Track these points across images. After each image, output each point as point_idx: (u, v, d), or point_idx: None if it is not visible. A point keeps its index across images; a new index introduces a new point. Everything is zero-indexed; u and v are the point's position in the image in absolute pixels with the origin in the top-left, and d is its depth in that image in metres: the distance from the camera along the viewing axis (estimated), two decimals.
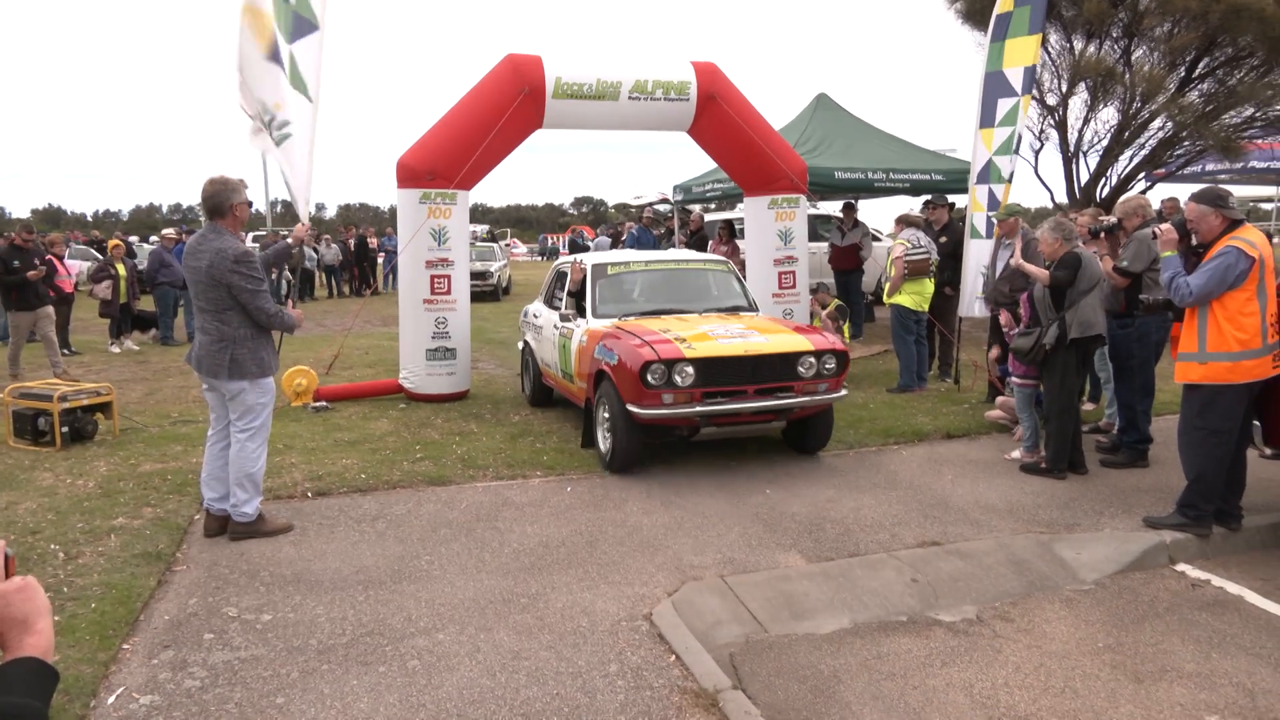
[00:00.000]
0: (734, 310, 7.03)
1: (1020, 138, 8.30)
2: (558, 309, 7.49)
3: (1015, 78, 8.23)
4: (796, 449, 6.56)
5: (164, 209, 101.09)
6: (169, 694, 3.35)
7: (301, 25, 6.19)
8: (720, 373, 5.75)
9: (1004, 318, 6.95)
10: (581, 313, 6.92)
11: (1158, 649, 3.84)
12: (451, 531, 5.04)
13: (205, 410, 8.14)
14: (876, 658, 3.77)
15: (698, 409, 5.73)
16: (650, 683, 3.44)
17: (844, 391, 6.21)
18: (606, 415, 6.09)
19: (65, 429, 6.73)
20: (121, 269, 12.38)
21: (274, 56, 5.92)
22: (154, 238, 20.36)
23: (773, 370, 5.86)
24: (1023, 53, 8.20)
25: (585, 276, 7.07)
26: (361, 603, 4.13)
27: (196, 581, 4.35)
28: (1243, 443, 4.97)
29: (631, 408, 5.69)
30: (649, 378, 5.57)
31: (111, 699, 3.31)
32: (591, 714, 3.23)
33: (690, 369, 5.66)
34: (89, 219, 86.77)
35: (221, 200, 4.72)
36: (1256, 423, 5.03)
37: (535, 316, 8.25)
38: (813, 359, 5.93)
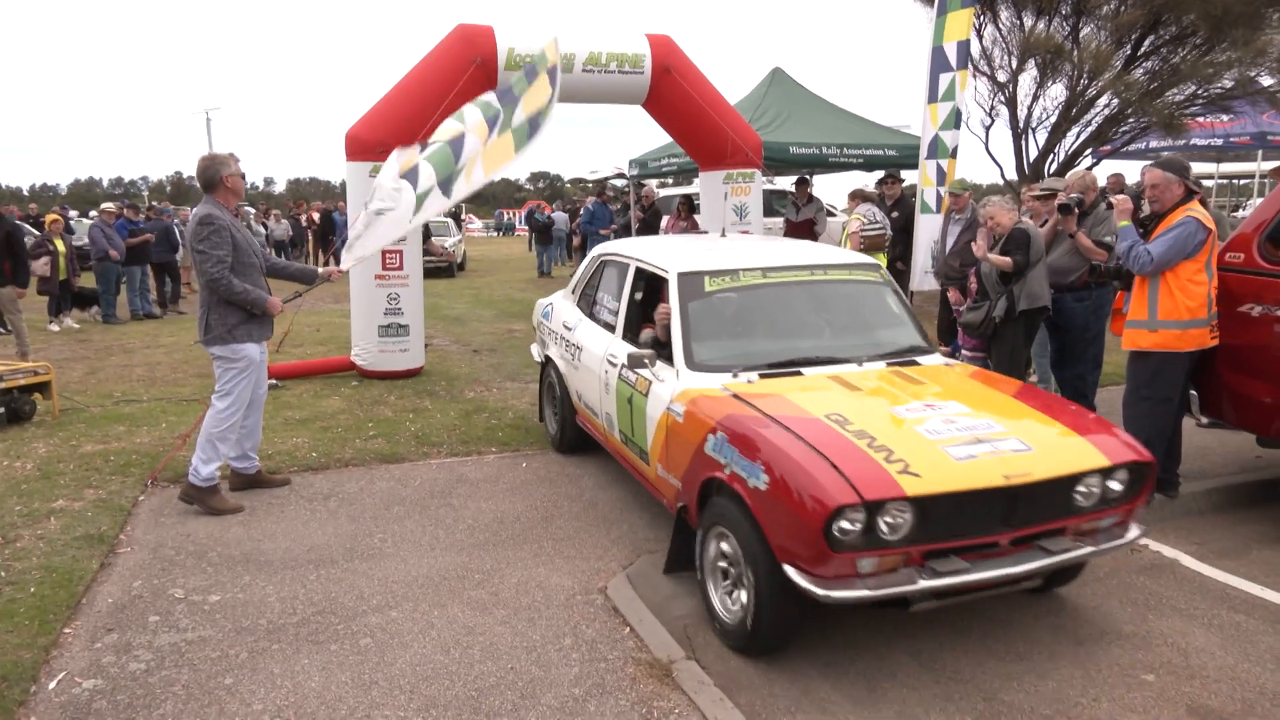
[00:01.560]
0: (908, 356, 4.40)
1: (961, 113, 8.39)
2: (605, 322, 5.22)
3: (952, 52, 8.32)
4: (1030, 590, 3.91)
5: (104, 183, 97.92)
6: (113, 677, 3.28)
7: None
8: (957, 515, 3.24)
9: (953, 296, 7.05)
10: (664, 354, 4.35)
11: (1097, 611, 3.96)
12: (405, 509, 5.00)
13: (149, 389, 7.99)
14: (828, 625, 3.83)
15: (921, 584, 3.16)
16: (604, 655, 3.46)
17: (1134, 532, 3.61)
18: (727, 557, 3.60)
19: (1, 409, 6.52)
20: (60, 245, 11.98)
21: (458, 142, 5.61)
22: (93, 212, 19.71)
23: (1040, 505, 3.36)
24: (958, 27, 8.28)
25: (672, 300, 4.45)
26: (313, 582, 4.08)
27: (141, 563, 4.26)
28: (1179, 412, 5.12)
29: (802, 579, 3.15)
30: (838, 531, 3.08)
31: (53, 684, 3.23)
32: (546, 687, 3.25)
33: (907, 514, 3.14)
34: (25, 193, 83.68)
35: (212, 174, 4.95)
36: (1194, 392, 5.19)
37: (567, 328, 5.70)
38: (1097, 479, 3.45)
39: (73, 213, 24.53)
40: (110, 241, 12.59)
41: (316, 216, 22.77)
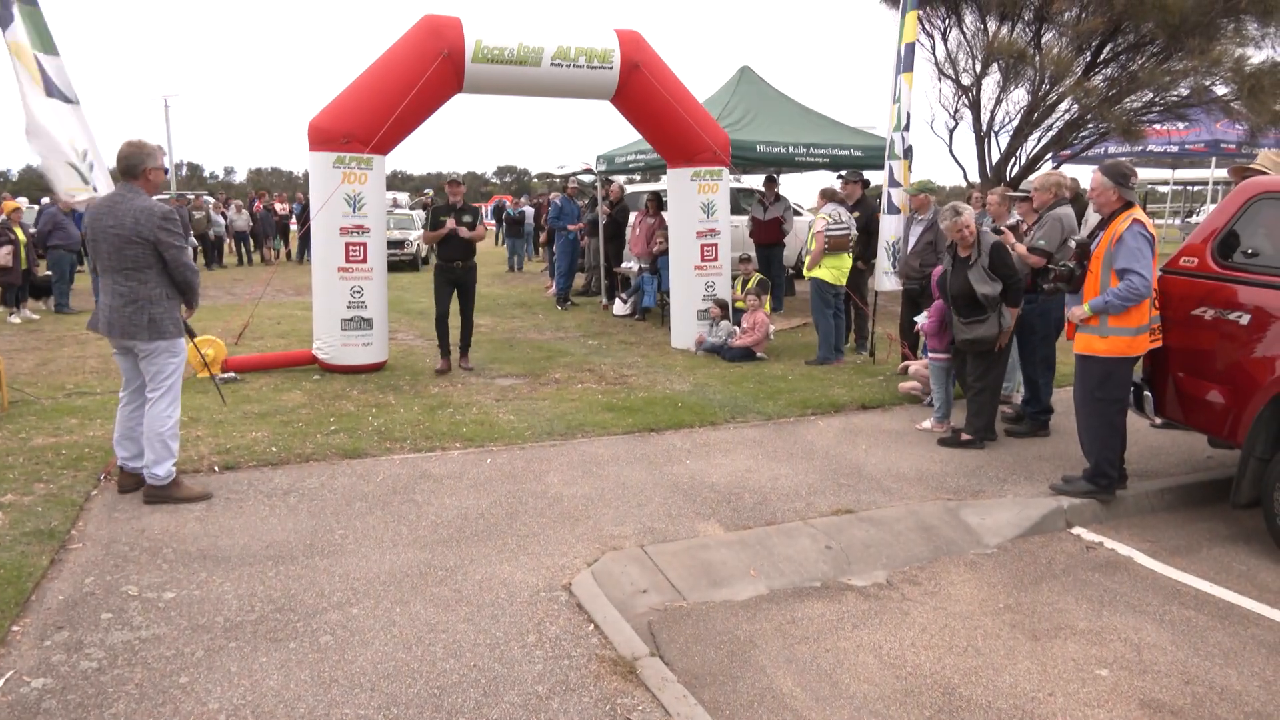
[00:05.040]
0: None
1: (910, 115, 8.49)
2: None
3: (903, 54, 8.45)
4: None
5: None
6: (63, 676, 3.20)
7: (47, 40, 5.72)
8: None
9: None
10: None
11: (1054, 608, 4.04)
12: (367, 505, 4.94)
13: (102, 381, 7.80)
14: (791, 622, 3.86)
15: None
16: (568, 652, 3.45)
17: None
18: None
19: None
20: (21, 233, 11.68)
21: (50, 89, 5.47)
22: (45, 199, 19.18)
23: None
24: (908, 29, 8.42)
25: None
26: (272, 578, 4.02)
27: (93, 560, 4.16)
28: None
29: None
30: None
31: (0, 683, 3.14)
32: (509, 684, 3.23)
33: None
34: None
35: (136, 162, 4.78)
36: (1147, 393, 5.30)
37: None
38: None
39: (22, 199, 23.89)
40: (65, 230, 12.31)
41: (282, 207, 22.43)
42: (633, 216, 12.88)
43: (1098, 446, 5.12)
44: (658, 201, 12.29)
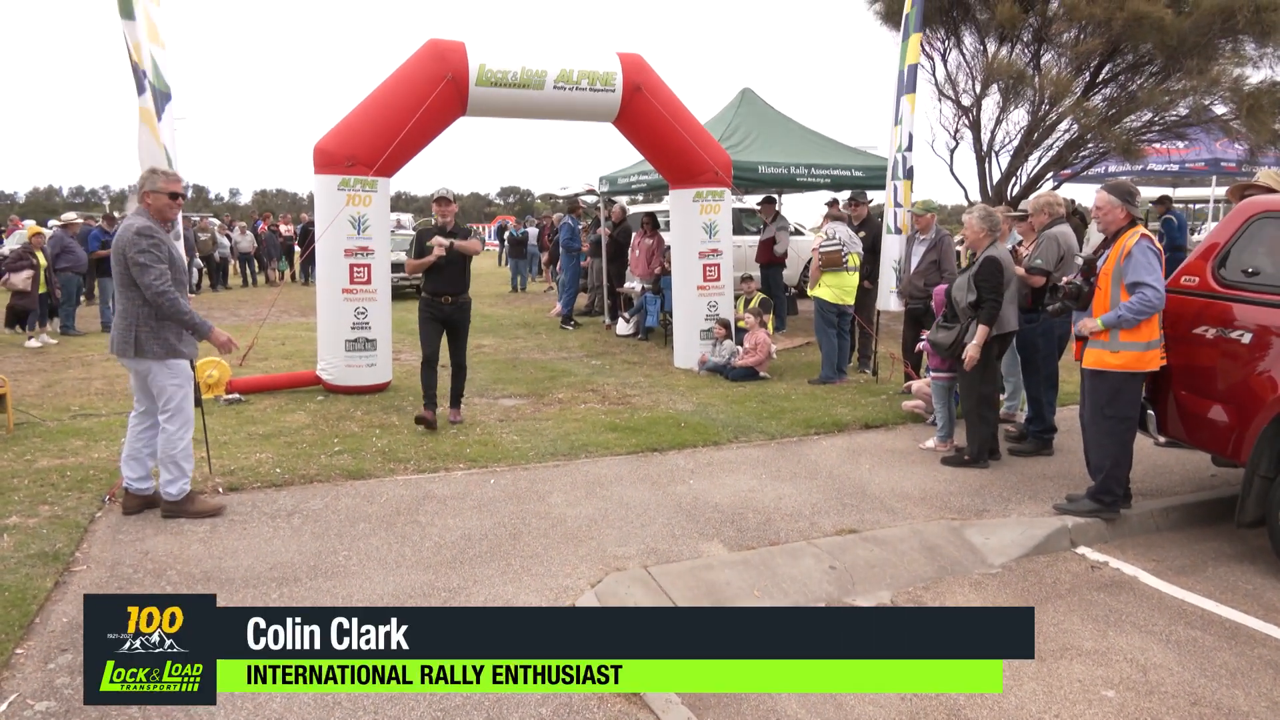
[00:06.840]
0: None
1: (912, 136, 8.55)
2: None
3: (905, 76, 8.53)
4: None
5: (64, 191, 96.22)
6: (66, 700, 3.20)
7: (160, 100, 6.70)
8: None
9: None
10: None
11: (1059, 628, 4.02)
12: (370, 526, 4.94)
13: (108, 403, 7.84)
14: None
15: None
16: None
17: None
18: None
19: None
20: (42, 258, 11.77)
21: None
22: (52, 222, 19.34)
23: None
24: (911, 51, 8.51)
25: None
26: (275, 600, 4.02)
27: (97, 582, 4.16)
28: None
29: None
30: None
31: (3, 706, 3.14)
32: (512, 708, 3.21)
33: None
34: None
35: (139, 185, 5.04)
36: (1151, 412, 5.30)
37: None
38: None
39: (28, 221, 24.07)
40: (73, 253, 12.45)
41: (287, 229, 22.58)
42: (634, 236, 12.95)
43: (1107, 464, 5.10)
44: (653, 221, 12.38)
